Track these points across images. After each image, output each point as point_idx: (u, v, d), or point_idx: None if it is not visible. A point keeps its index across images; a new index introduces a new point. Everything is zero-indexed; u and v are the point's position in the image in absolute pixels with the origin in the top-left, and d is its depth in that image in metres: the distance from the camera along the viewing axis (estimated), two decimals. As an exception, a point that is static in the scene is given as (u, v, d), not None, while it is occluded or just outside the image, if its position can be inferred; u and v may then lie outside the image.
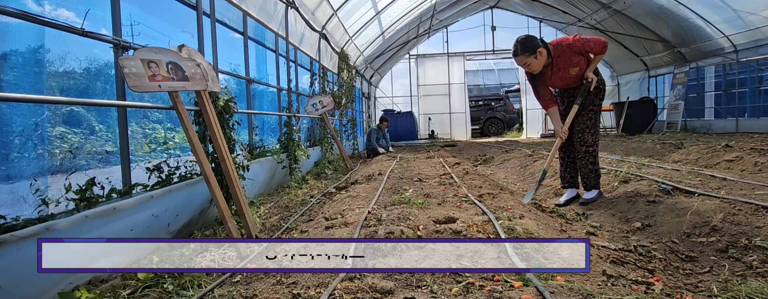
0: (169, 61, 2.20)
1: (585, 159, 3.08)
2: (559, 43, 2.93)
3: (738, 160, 4.22)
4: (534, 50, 2.83)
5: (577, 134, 3.10)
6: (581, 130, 3.08)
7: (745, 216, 2.23)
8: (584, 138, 3.07)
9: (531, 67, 2.91)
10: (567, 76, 2.98)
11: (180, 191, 2.61)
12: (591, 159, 3.07)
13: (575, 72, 2.95)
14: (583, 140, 3.07)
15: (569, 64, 2.92)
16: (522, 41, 2.87)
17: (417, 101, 14.35)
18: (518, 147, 8.43)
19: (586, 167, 3.10)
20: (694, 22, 9.12)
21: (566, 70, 2.95)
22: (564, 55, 2.91)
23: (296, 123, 5.59)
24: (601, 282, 1.57)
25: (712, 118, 10.07)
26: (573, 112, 3.03)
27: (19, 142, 1.99)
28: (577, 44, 2.86)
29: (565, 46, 2.90)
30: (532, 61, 2.86)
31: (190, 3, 3.23)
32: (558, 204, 3.22)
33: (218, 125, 2.64)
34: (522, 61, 2.89)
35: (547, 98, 3.09)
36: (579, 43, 2.86)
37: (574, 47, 2.88)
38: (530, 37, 2.90)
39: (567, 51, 2.90)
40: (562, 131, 3.03)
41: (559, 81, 3.03)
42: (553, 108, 3.08)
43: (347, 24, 8.25)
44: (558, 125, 3.06)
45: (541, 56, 2.85)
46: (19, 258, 1.51)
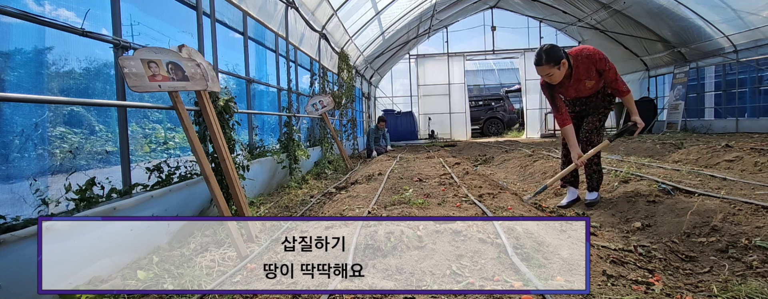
0: (169, 61, 2.20)
1: (591, 159, 3.04)
2: (579, 52, 2.84)
3: (738, 160, 4.22)
4: (558, 61, 2.74)
5: (584, 134, 3.05)
6: (589, 131, 3.04)
7: (745, 216, 2.23)
8: (591, 138, 3.03)
9: (552, 78, 2.82)
10: (582, 88, 2.92)
11: (180, 191, 2.61)
12: (596, 160, 3.06)
13: (591, 84, 2.89)
14: (590, 141, 3.03)
15: (587, 76, 2.85)
16: (547, 50, 2.76)
17: (417, 101, 14.35)
18: (518, 147, 8.43)
19: (590, 167, 3.08)
20: (694, 22, 9.12)
21: (582, 82, 2.87)
22: (582, 66, 2.83)
23: (296, 123, 5.59)
24: (601, 282, 1.57)
25: (712, 118, 10.07)
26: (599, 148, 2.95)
27: (19, 142, 1.99)
28: (596, 56, 2.78)
29: (584, 56, 2.81)
30: (555, 72, 2.77)
31: (190, 3, 3.23)
32: (560, 205, 3.19)
33: (218, 125, 2.64)
34: (545, 71, 2.78)
35: (563, 111, 2.98)
36: (598, 55, 2.78)
37: (593, 59, 2.79)
38: (555, 47, 2.80)
39: (586, 61, 2.81)
40: (579, 161, 2.89)
41: (573, 92, 2.96)
42: (569, 126, 2.96)
43: (347, 24, 8.25)
44: (575, 151, 2.92)
45: (564, 67, 2.77)
46: (19, 258, 1.51)
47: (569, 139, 2.96)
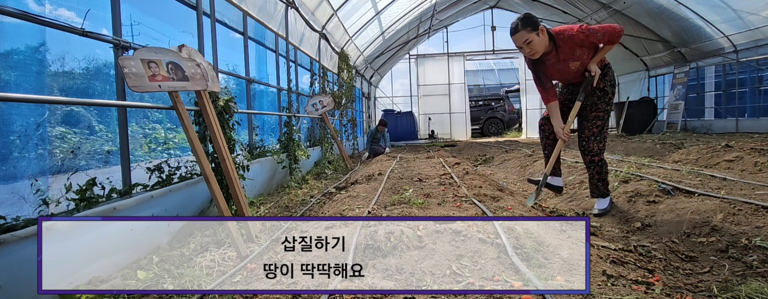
0: (169, 61, 2.20)
1: (591, 169, 2.81)
2: (561, 31, 2.55)
3: (738, 160, 4.22)
4: (536, 26, 2.48)
5: (581, 141, 2.79)
6: (586, 138, 2.75)
7: (745, 216, 2.23)
8: (589, 146, 2.73)
9: (532, 46, 2.51)
10: (566, 70, 2.63)
11: (180, 191, 2.61)
12: (596, 169, 2.79)
13: (575, 67, 2.59)
14: (588, 149, 2.74)
15: (570, 57, 2.56)
16: (523, 17, 2.52)
17: (417, 101, 14.36)
18: (518, 147, 8.43)
19: (594, 177, 2.83)
20: (694, 22, 9.12)
21: (566, 63, 2.59)
22: (565, 47, 2.55)
23: (296, 123, 5.59)
24: (601, 282, 1.57)
25: (712, 118, 10.07)
26: (575, 110, 2.67)
27: (19, 142, 1.99)
28: (579, 36, 2.47)
29: (567, 36, 2.53)
30: (534, 38, 2.49)
31: (190, 3, 3.23)
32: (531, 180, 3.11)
33: (218, 125, 2.64)
34: (522, 37, 2.50)
35: (547, 88, 2.72)
36: (582, 34, 2.46)
37: (576, 39, 2.50)
38: (531, 14, 2.56)
39: (569, 42, 2.53)
40: (563, 132, 2.66)
41: (557, 74, 2.69)
42: (554, 103, 2.72)
43: (347, 24, 8.25)
44: (558, 124, 2.68)
45: (543, 34, 2.50)
46: (19, 258, 1.51)
47: (553, 113, 2.72)
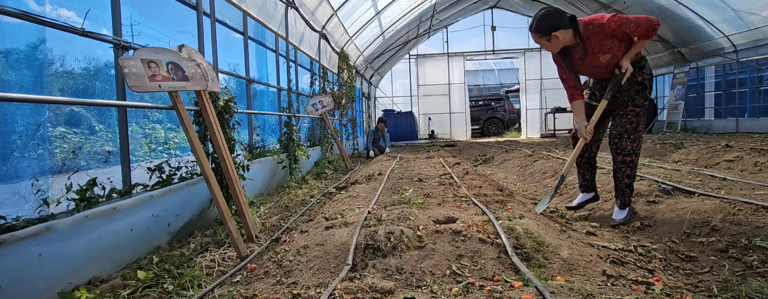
0: (169, 61, 2.20)
1: (621, 170, 2.52)
2: (591, 21, 2.33)
3: (738, 160, 4.22)
4: (548, 32, 2.31)
5: (613, 139, 2.51)
6: (618, 135, 2.48)
7: (745, 216, 2.23)
8: (621, 145, 2.48)
9: (545, 48, 2.43)
10: (595, 64, 2.40)
11: (180, 191, 2.61)
12: (628, 171, 2.51)
13: (606, 60, 2.36)
14: (620, 147, 2.48)
15: (599, 49, 2.34)
16: (541, 16, 2.34)
17: (417, 101, 14.36)
18: (518, 147, 8.43)
19: (622, 181, 2.54)
20: (694, 22, 9.13)
21: (595, 56, 2.37)
22: (594, 38, 2.32)
23: (296, 123, 5.59)
24: (601, 282, 1.57)
25: (712, 118, 10.08)
26: (600, 109, 2.45)
27: (20, 141, 1.99)
28: (611, 25, 2.26)
29: (597, 25, 2.30)
30: (545, 43, 2.36)
31: (190, 3, 3.23)
32: (569, 206, 2.88)
33: (218, 125, 2.64)
34: (534, 39, 2.39)
35: (572, 85, 2.52)
36: (614, 23, 2.25)
37: (607, 29, 2.27)
38: (551, 13, 2.33)
39: (598, 32, 2.31)
40: (586, 130, 2.47)
41: (585, 69, 2.47)
42: (578, 101, 2.52)
43: (347, 24, 8.25)
44: (582, 123, 2.49)
45: (557, 40, 2.32)
46: (19, 258, 1.51)
47: (576, 111, 2.53)
